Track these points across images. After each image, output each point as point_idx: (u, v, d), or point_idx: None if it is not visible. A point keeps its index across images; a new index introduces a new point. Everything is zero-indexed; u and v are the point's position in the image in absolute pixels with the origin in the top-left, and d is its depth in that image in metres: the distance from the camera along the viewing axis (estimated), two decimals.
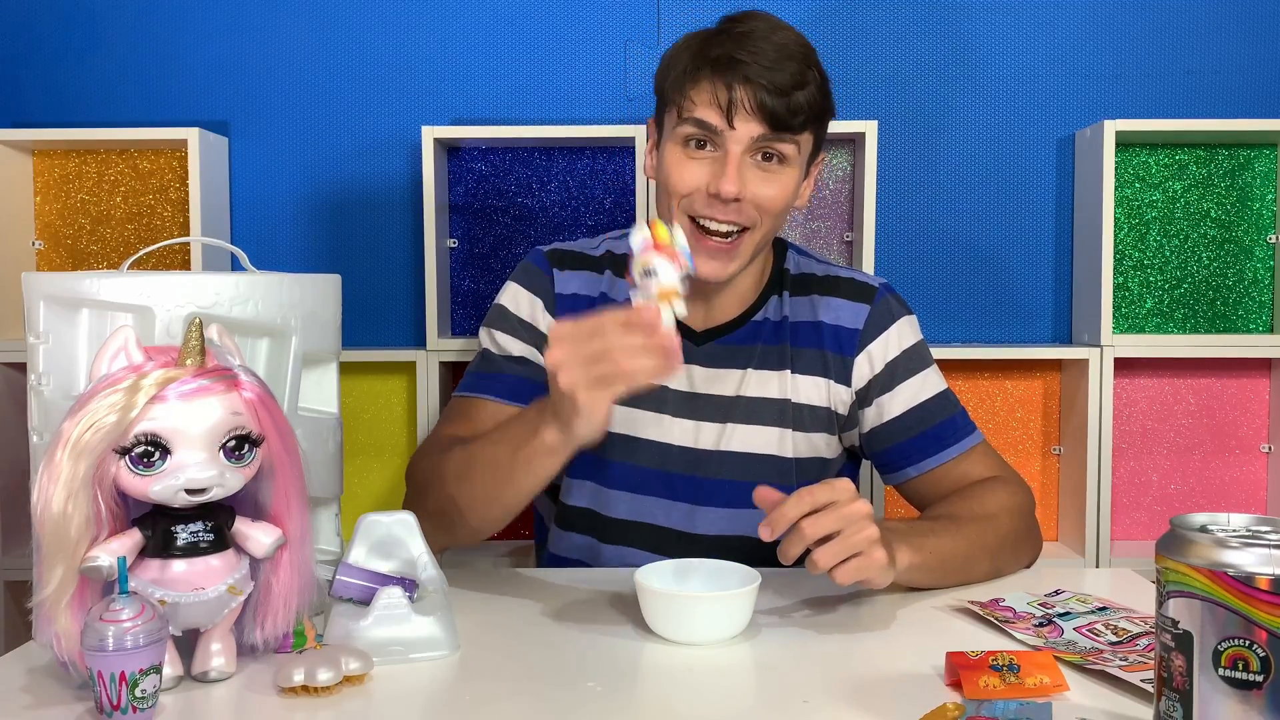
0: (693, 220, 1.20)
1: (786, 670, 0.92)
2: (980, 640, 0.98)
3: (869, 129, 1.80)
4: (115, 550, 0.82)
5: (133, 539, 0.83)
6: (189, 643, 0.89)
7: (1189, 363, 1.95)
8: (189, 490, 0.82)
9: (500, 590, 1.15)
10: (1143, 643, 0.95)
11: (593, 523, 1.30)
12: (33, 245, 1.96)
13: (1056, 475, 1.95)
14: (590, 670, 0.91)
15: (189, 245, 1.86)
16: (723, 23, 1.22)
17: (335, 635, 0.93)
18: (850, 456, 1.37)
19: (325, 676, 0.84)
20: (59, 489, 0.79)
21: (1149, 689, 0.83)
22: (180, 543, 0.84)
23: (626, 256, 0.96)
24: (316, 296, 1.11)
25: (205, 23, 1.94)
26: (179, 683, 0.87)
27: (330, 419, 1.15)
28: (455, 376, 1.91)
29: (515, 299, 1.33)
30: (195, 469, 0.82)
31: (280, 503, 0.89)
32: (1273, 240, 1.93)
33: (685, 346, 1.29)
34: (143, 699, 0.78)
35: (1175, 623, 0.70)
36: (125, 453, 0.81)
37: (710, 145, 1.18)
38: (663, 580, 1.02)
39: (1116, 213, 1.92)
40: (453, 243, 1.94)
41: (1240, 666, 0.67)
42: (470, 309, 1.95)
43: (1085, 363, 1.81)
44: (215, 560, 0.86)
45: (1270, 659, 0.66)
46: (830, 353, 1.29)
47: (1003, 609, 1.04)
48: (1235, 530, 0.71)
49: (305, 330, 1.09)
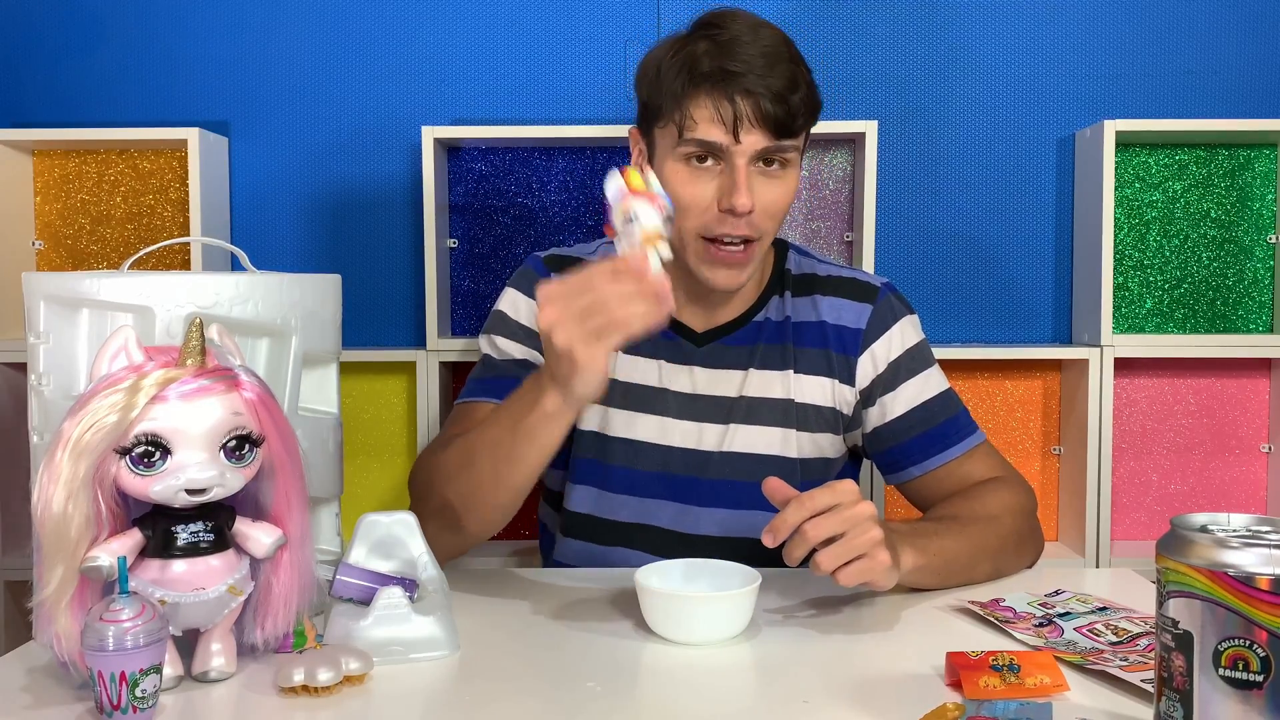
0: (705, 242, 1.19)
1: (786, 670, 0.92)
2: (980, 640, 0.98)
3: (869, 129, 1.80)
4: (115, 550, 0.82)
5: (133, 539, 0.83)
6: (189, 643, 0.89)
7: (1189, 363, 1.95)
8: (189, 490, 0.82)
9: (500, 590, 1.15)
10: (1143, 643, 0.95)
11: (597, 528, 1.30)
12: (33, 245, 1.96)
13: (1056, 475, 1.95)
14: (590, 670, 0.91)
15: (189, 245, 1.85)
16: (702, 28, 1.19)
17: (335, 635, 0.93)
18: (852, 457, 1.37)
19: (325, 676, 0.84)
20: (59, 489, 0.79)
21: (1149, 689, 0.83)
22: (180, 543, 0.84)
23: (604, 208, 0.96)
24: (316, 296, 1.11)
25: (205, 22, 1.94)
26: (179, 683, 0.87)
27: (330, 419, 1.15)
28: (455, 376, 1.91)
29: (514, 304, 1.33)
30: (195, 469, 0.82)
31: (280, 503, 0.89)
32: (1273, 240, 1.93)
33: (686, 348, 1.30)
34: (143, 699, 0.78)
35: (1175, 623, 0.70)
36: (126, 453, 0.81)
37: (713, 160, 1.18)
38: (663, 580, 1.02)
39: (1116, 213, 1.92)
40: (453, 243, 1.94)
41: (1240, 666, 0.67)
42: (470, 309, 1.95)
43: (1085, 363, 1.81)
44: (215, 560, 0.86)
45: (1270, 659, 0.66)
46: (834, 352, 1.29)
47: (1003, 609, 1.04)
48: (1235, 530, 0.72)
49: (305, 330, 1.09)
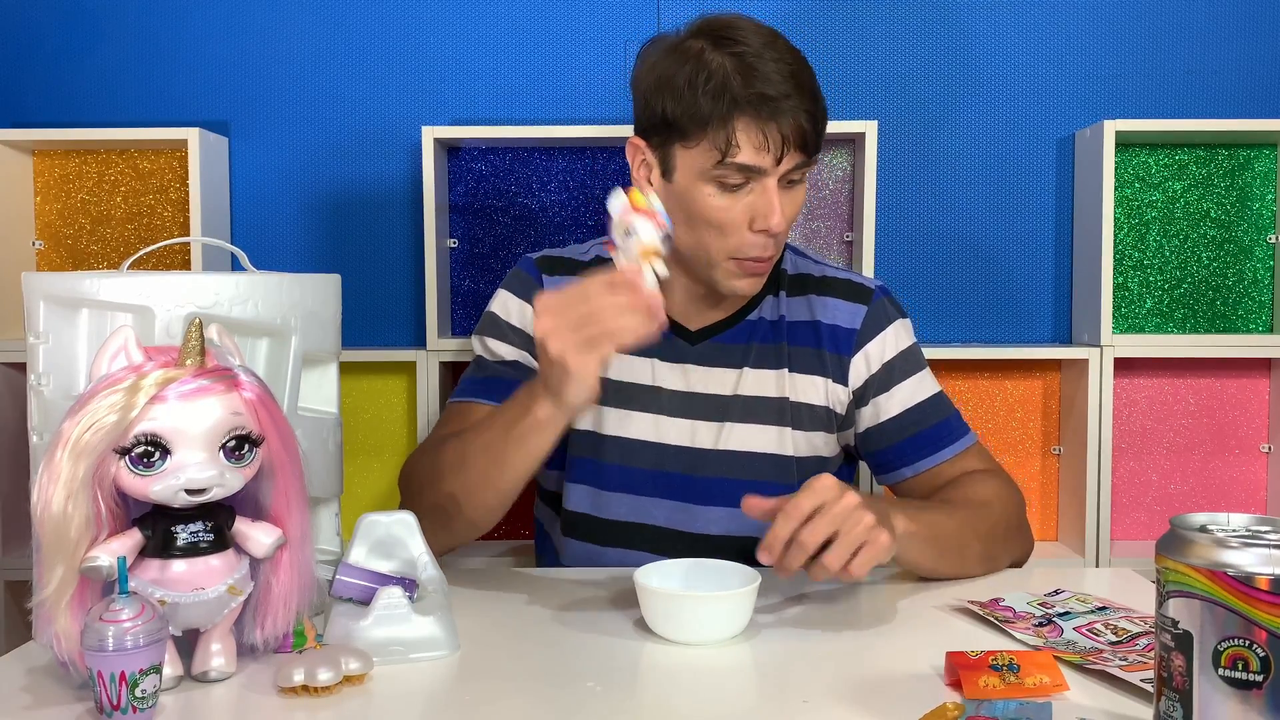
0: (736, 261, 1.20)
1: (786, 670, 0.92)
2: (980, 640, 0.98)
3: (869, 129, 1.80)
4: (115, 550, 0.82)
5: (133, 539, 0.83)
6: (189, 643, 0.89)
7: (1189, 363, 1.95)
8: (189, 490, 0.82)
9: (500, 590, 1.15)
10: (1142, 643, 0.95)
11: (595, 528, 1.30)
12: (33, 245, 1.96)
13: (1056, 475, 1.95)
14: (590, 670, 0.91)
15: (189, 245, 1.85)
16: (714, 41, 1.16)
17: (335, 635, 0.93)
18: (847, 457, 1.37)
19: (325, 676, 0.84)
20: (59, 489, 0.79)
21: (1148, 689, 0.83)
22: (180, 543, 0.84)
23: (605, 222, 0.99)
24: (316, 296, 1.11)
25: (205, 23, 1.94)
26: (179, 683, 0.87)
27: (330, 419, 1.15)
28: (455, 376, 1.91)
29: (505, 306, 1.34)
30: (195, 469, 0.82)
31: (280, 503, 0.89)
32: (1273, 240, 1.93)
33: (680, 346, 1.30)
34: (143, 699, 0.78)
35: (1175, 623, 0.70)
36: (125, 453, 0.81)
37: (745, 180, 1.16)
38: (663, 580, 1.02)
39: (1116, 213, 1.92)
40: (453, 243, 1.94)
41: (1240, 666, 0.67)
42: (470, 309, 1.95)
43: (1085, 363, 1.81)
44: (215, 560, 0.86)
45: (1270, 659, 0.66)
46: (828, 351, 1.29)
47: (1003, 609, 1.04)
48: (1235, 530, 0.72)
49: (305, 330, 1.09)
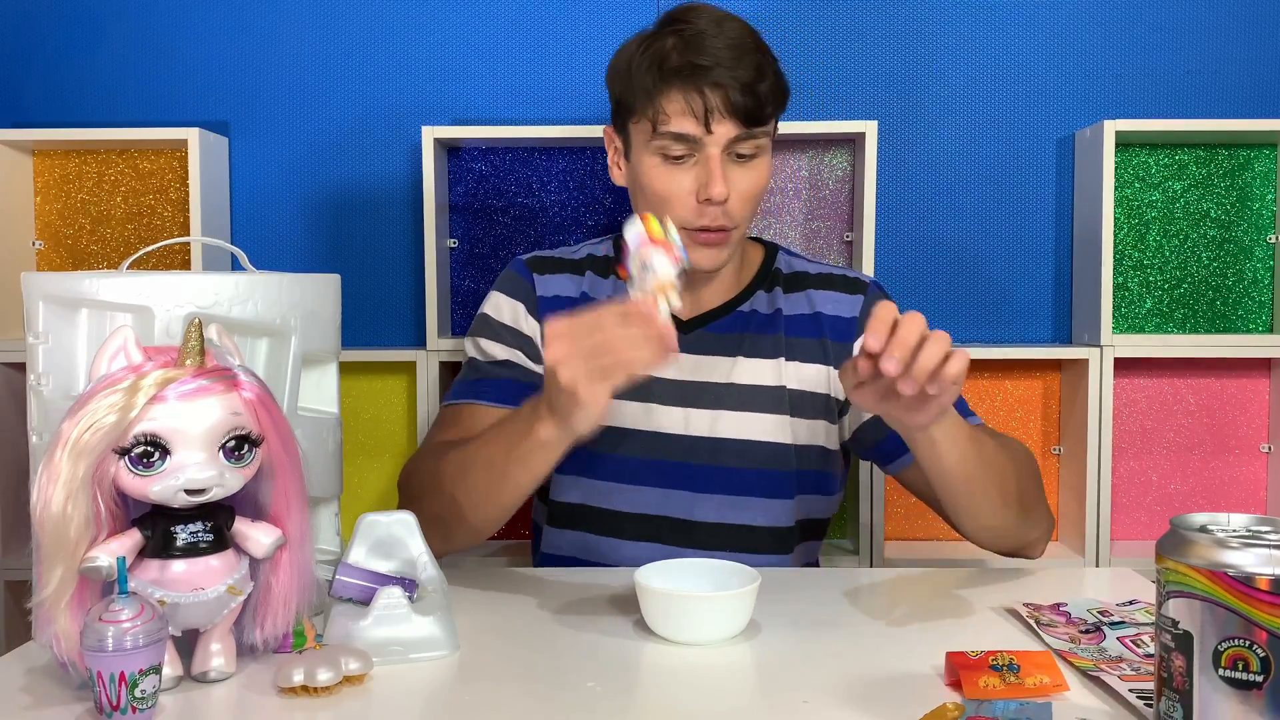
0: (686, 232, 1.21)
1: (786, 670, 0.92)
2: (980, 640, 0.98)
3: (869, 129, 1.80)
4: (115, 550, 0.82)
5: (132, 539, 0.83)
6: (189, 643, 0.89)
7: (1189, 363, 1.95)
8: (189, 490, 0.82)
9: (500, 590, 1.15)
10: None
11: (587, 517, 1.30)
12: (33, 245, 1.96)
13: (1056, 475, 1.95)
14: (590, 670, 0.91)
15: (189, 245, 1.85)
16: (668, 24, 1.23)
17: (335, 635, 0.93)
18: (844, 457, 1.37)
19: (325, 676, 0.84)
20: (58, 489, 0.79)
21: (1132, 699, 0.83)
22: (180, 543, 0.84)
23: (621, 251, 0.98)
24: (316, 296, 1.11)
25: (205, 23, 1.94)
26: (179, 683, 0.87)
27: (330, 419, 1.15)
28: (455, 376, 1.90)
29: (497, 306, 1.36)
30: (195, 469, 0.82)
31: (280, 503, 0.89)
32: (1273, 240, 1.93)
33: None
34: (142, 699, 0.78)
35: (1175, 623, 0.70)
36: (125, 453, 0.81)
37: (687, 152, 1.21)
38: (663, 580, 1.02)
39: (1116, 213, 1.92)
40: (453, 243, 1.94)
41: (1240, 667, 0.67)
42: (470, 309, 1.95)
43: (1085, 363, 1.81)
44: (215, 560, 0.86)
45: (1270, 659, 0.66)
46: (830, 340, 1.32)
47: (1059, 613, 1.04)
48: (1235, 530, 0.72)
49: (305, 330, 1.09)
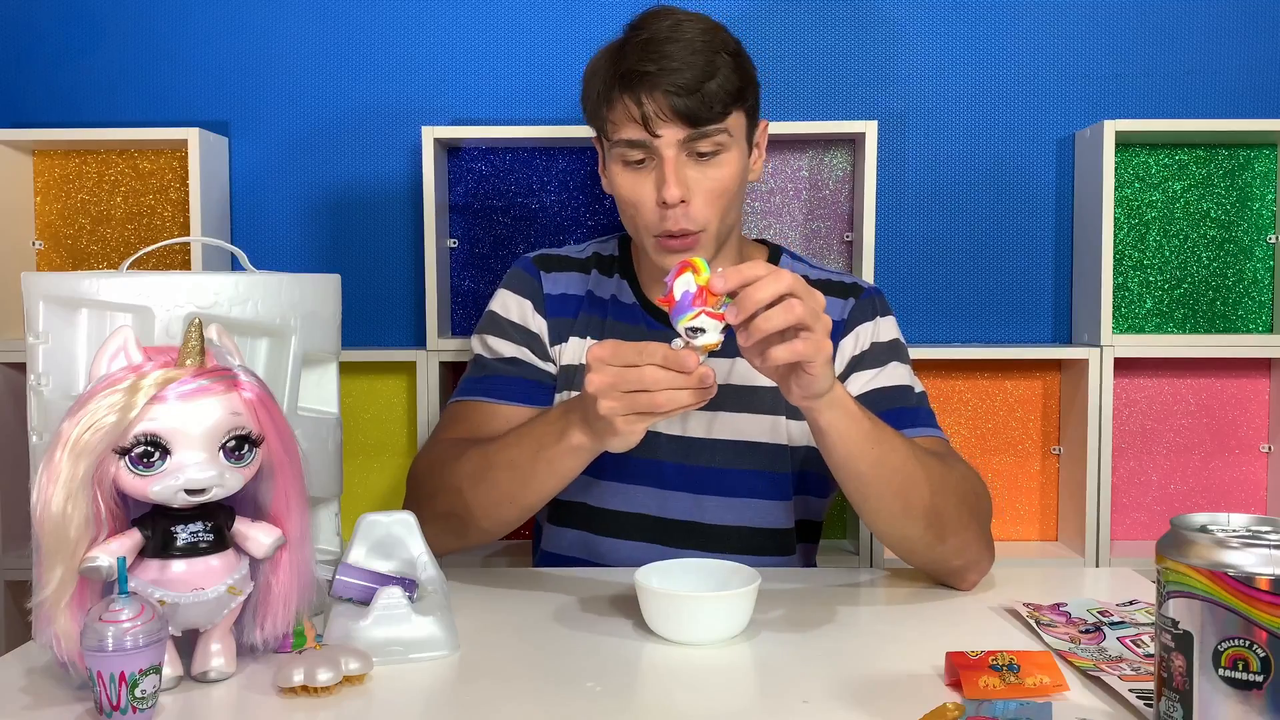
0: (655, 238, 1.22)
1: (786, 670, 0.92)
2: (980, 640, 0.98)
3: (869, 129, 1.80)
4: (115, 550, 0.82)
5: (132, 539, 0.83)
6: (189, 643, 0.89)
7: (1189, 363, 1.95)
8: (189, 490, 0.82)
9: (500, 590, 1.15)
10: None
11: (586, 516, 1.30)
12: (33, 245, 1.96)
13: (1056, 475, 1.95)
14: (590, 670, 0.91)
15: (189, 245, 1.85)
16: (628, 31, 1.24)
17: (335, 635, 0.93)
18: None
19: (325, 676, 0.84)
20: (59, 489, 0.79)
21: (1132, 699, 0.83)
22: (180, 543, 0.84)
23: (667, 290, 0.96)
24: (316, 296, 1.11)
25: (205, 23, 1.94)
26: (179, 683, 0.87)
27: (330, 419, 1.15)
28: (455, 376, 1.90)
29: (505, 304, 1.36)
30: (195, 469, 0.82)
31: (280, 503, 0.89)
32: (1273, 240, 1.93)
33: (671, 336, 1.30)
34: (142, 699, 0.78)
35: (1175, 623, 0.70)
36: (125, 453, 0.81)
37: (647, 158, 1.21)
38: (663, 580, 1.02)
39: (1116, 213, 1.92)
40: (453, 243, 1.94)
41: (1240, 667, 0.67)
42: (470, 309, 1.95)
43: (1085, 363, 1.81)
44: (215, 560, 0.86)
45: (1270, 659, 0.66)
46: None
47: (1058, 613, 1.04)
48: (1235, 530, 0.72)
49: (305, 330, 1.09)
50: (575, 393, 1.25)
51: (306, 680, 0.84)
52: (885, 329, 1.32)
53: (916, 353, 1.46)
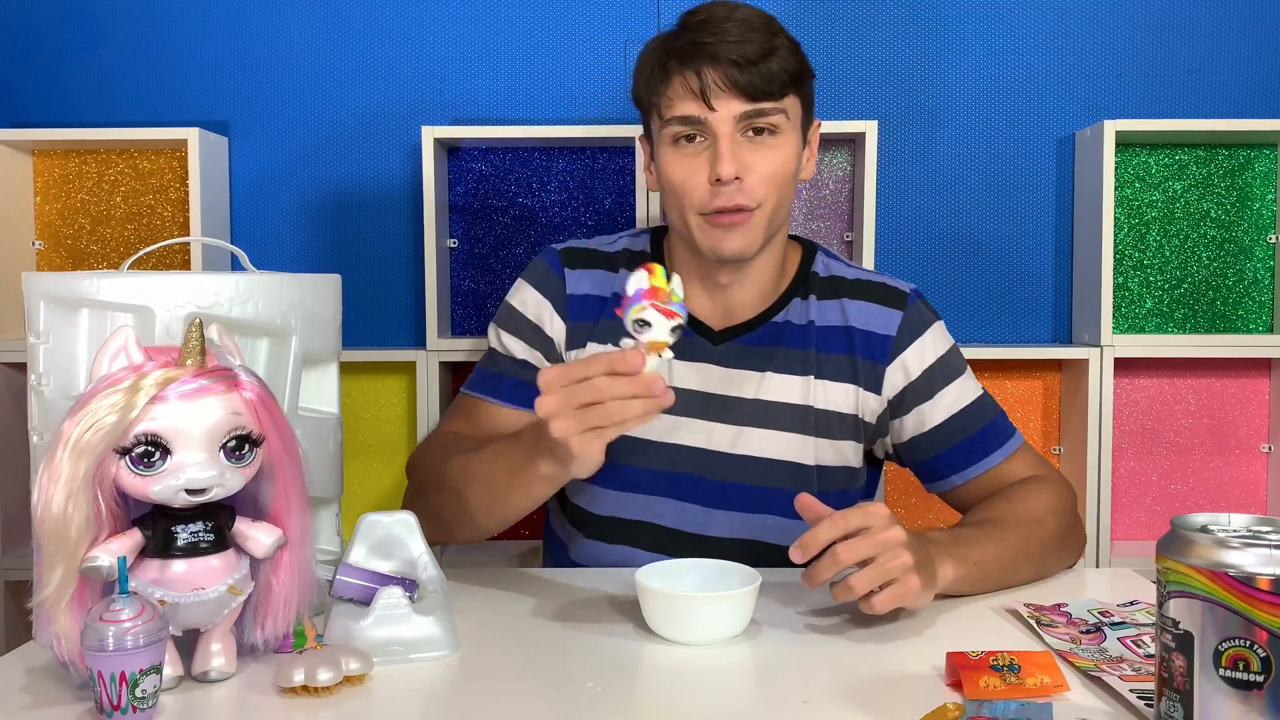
0: (704, 217, 1.19)
1: (786, 670, 0.92)
2: (981, 640, 0.98)
3: (869, 129, 1.80)
4: (115, 550, 0.82)
5: (133, 539, 0.83)
6: (189, 643, 0.89)
7: (1189, 363, 1.95)
8: (189, 490, 0.82)
9: (500, 590, 1.15)
10: None
11: (599, 524, 1.29)
12: (33, 245, 1.96)
13: None
14: (590, 670, 0.91)
15: (189, 245, 1.85)
16: (681, 19, 1.22)
17: (335, 635, 0.93)
18: (870, 461, 1.35)
19: (325, 676, 0.84)
20: (59, 489, 0.79)
21: (1133, 699, 0.83)
22: (180, 543, 0.84)
23: (620, 297, 0.97)
24: (316, 296, 1.11)
25: (205, 23, 1.94)
26: (179, 683, 0.87)
27: (330, 419, 1.15)
28: (455, 376, 1.91)
29: (524, 300, 1.32)
30: (195, 469, 0.82)
31: (280, 503, 0.89)
32: (1273, 240, 1.93)
33: (703, 346, 1.28)
34: (143, 699, 0.78)
35: (1176, 623, 0.70)
36: (125, 453, 0.81)
37: (700, 137, 1.18)
38: (663, 580, 1.02)
39: (1116, 213, 1.92)
40: (453, 243, 1.94)
41: (1241, 667, 0.67)
42: (470, 309, 1.95)
43: (1085, 363, 1.81)
44: (215, 560, 0.86)
45: (1271, 659, 0.66)
46: (860, 358, 1.27)
47: (1059, 614, 1.04)
48: (1236, 530, 0.72)
49: (305, 330, 1.09)
50: None
51: (307, 680, 0.84)
52: (935, 343, 1.28)
53: None
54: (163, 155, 1.95)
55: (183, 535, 0.84)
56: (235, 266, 1.82)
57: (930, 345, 1.28)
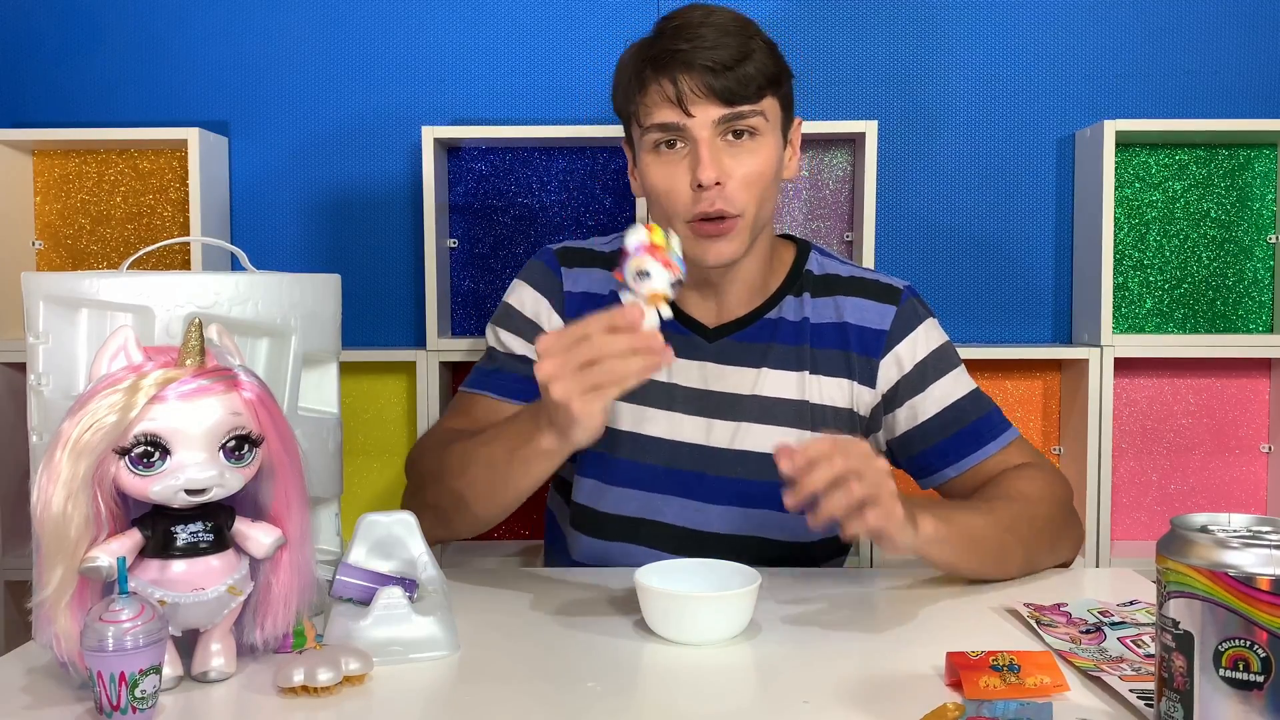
0: (690, 226, 1.20)
1: (786, 670, 0.92)
2: (981, 640, 0.98)
3: (869, 129, 1.80)
4: (115, 550, 0.82)
5: (132, 539, 0.83)
6: (189, 643, 0.89)
7: (1189, 363, 1.95)
8: (189, 490, 0.82)
9: (500, 590, 1.15)
10: None
11: (601, 522, 1.29)
12: (33, 245, 1.96)
13: None
14: (590, 670, 0.91)
15: (189, 245, 1.85)
16: (657, 25, 1.23)
17: (335, 635, 0.93)
18: None
19: (325, 676, 0.84)
20: (59, 489, 0.79)
21: (1134, 700, 0.83)
22: (180, 543, 0.84)
23: (620, 255, 0.98)
24: (316, 296, 1.11)
25: (205, 23, 1.94)
26: (179, 683, 0.87)
27: (330, 419, 1.15)
28: (455, 376, 1.91)
29: (521, 298, 1.34)
30: (195, 469, 0.82)
31: (280, 503, 0.89)
32: (1273, 240, 1.93)
33: (698, 343, 1.29)
34: (143, 699, 0.78)
35: (1176, 623, 0.70)
36: (125, 453, 0.81)
37: (680, 142, 1.19)
38: (663, 580, 1.02)
39: (1116, 213, 1.92)
40: (453, 243, 1.94)
41: (1241, 667, 0.67)
42: (470, 309, 1.95)
43: (1085, 363, 1.81)
44: (215, 560, 0.86)
45: (1271, 659, 0.66)
46: (855, 354, 1.28)
47: (1059, 614, 1.04)
48: (1236, 531, 0.72)
49: (305, 330, 1.09)
50: None
51: (307, 680, 0.84)
52: (928, 337, 1.29)
53: None
54: (163, 155, 1.95)
55: (182, 535, 0.84)
56: (235, 266, 1.82)
57: (923, 339, 1.29)
